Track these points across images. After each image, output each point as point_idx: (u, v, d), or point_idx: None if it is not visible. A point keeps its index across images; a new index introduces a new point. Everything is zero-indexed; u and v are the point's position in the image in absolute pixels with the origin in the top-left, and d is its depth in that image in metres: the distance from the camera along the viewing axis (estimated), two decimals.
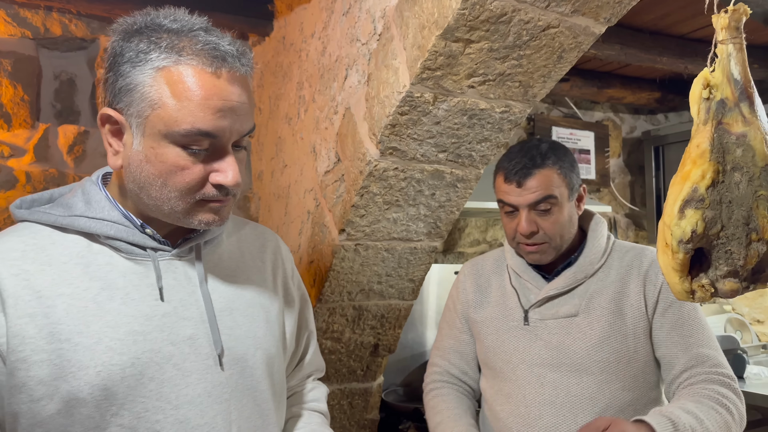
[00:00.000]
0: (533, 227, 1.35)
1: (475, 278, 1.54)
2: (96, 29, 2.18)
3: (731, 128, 0.86)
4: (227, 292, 0.97)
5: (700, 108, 0.89)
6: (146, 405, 0.84)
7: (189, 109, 0.81)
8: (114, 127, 0.86)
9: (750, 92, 0.86)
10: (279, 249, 1.11)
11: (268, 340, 0.99)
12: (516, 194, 1.35)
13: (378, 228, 1.68)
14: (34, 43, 2.10)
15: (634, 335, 1.33)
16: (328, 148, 1.74)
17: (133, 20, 0.87)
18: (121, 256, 0.89)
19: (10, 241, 0.86)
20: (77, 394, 0.81)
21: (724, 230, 0.84)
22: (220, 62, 0.82)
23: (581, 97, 3.06)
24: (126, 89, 0.83)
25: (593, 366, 1.32)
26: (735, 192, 0.85)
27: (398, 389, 2.41)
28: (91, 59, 2.20)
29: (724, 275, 0.85)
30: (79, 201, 0.90)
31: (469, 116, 1.47)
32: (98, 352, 0.82)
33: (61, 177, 2.11)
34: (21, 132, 2.06)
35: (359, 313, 1.87)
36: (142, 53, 0.82)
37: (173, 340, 0.88)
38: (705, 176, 0.84)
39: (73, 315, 0.83)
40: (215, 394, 0.90)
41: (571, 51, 1.36)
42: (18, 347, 0.80)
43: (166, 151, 0.83)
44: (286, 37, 2.13)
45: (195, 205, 0.87)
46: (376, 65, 1.48)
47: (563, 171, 1.36)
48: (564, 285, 1.38)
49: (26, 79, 2.08)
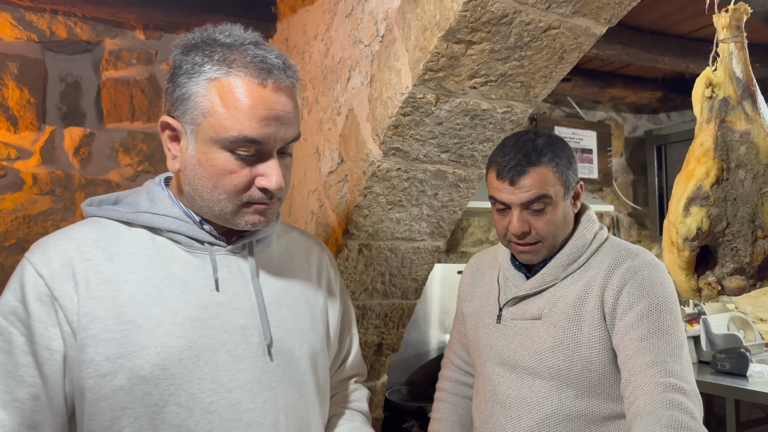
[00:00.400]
0: (525, 227, 1.29)
1: (473, 271, 1.54)
2: (101, 32, 2.19)
3: (734, 126, 0.87)
4: (276, 287, 1.03)
5: (703, 107, 0.90)
6: (201, 386, 0.90)
7: (237, 118, 0.88)
8: (172, 133, 0.94)
9: (752, 90, 0.87)
10: (323, 253, 1.19)
11: (313, 335, 1.05)
12: (508, 192, 1.28)
13: (381, 228, 1.69)
14: (39, 46, 2.12)
15: (588, 343, 1.24)
16: (331, 149, 1.75)
17: (192, 36, 0.94)
18: (182, 249, 0.96)
19: (83, 231, 0.94)
20: (139, 372, 0.87)
21: (729, 227, 0.85)
22: (266, 74, 0.89)
23: (583, 97, 3.07)
24: (182, 98, 0.90)
25: (544, 371, 1.27)
26: (740, 189, 0.85)
27: (402, 388, 2.41)
28: (96, 62, 2.21)
29: (730, 272, 0.86)
30: (144, 199, 0.98)
31: (471, 117, 1.48)
32: (159, 334, 0.89)
33: (67, 179, 2.12)
34: (27, 134, 2.08)
35: (363, 313, 1.88)
36: (197, 65, 0.89)
37: (227, 328, 0.94)
38: (709, 174, 0.85)
39: (137, 299, 0.90)
40: (264, 381, 0.95)
41: (572, 52, 1.37)
42: (88, 325, 0.87)
43: (216, 156, 0.90)
44: (289, 39, 2.14)
45: (242, 207, 0.93)
46: (378, 67, 1.49)
47: (559, 168, 1.29)
48: (534, 286, 1.33)
49: (32, 82, 2.09)
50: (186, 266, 0.95)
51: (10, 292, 0.89)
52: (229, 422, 0.92)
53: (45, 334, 0.87)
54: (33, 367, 0.86)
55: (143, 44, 2.26)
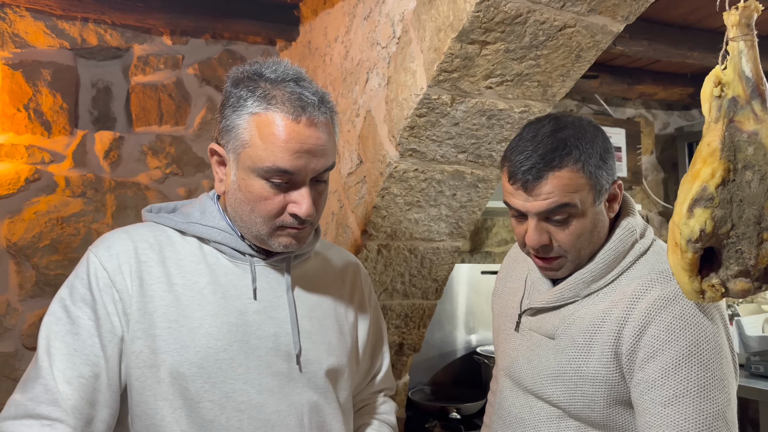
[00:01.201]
0: (545, 239, 1.06)
1: (510, 261, 1.36)
2: (130, 38, 2.26)
3: (743, 126, 0.85)
4: (309, 301, 1.10)
5: (712, 106, 0.89)
6: (234, 386, 0.98)
7: (272, 150, 0.95)
8: (219, 159, 1.02)
9: (762, 90, 0.85)
10: (359, 272, 1.24)
11: (340, 349, 1.11)
12: (522, 199, 1.05)
13: (400, 229, 1.70)
14: (72, 53, 2.19)
15: (593, 381, 1.05)
16: (350, 150, 1.77)
17: (243, 69, 1.01)
18: (226, 258, 1.04)
19: (142, 233, 1.04)
20: (178, 368, 0.95)
21: (734, 229, 0.83)
22: (300, 111, 0.96)
23: (611, 94, 3.02)
24: (227, 129, 0.99)
25: (545, 397, 1.12)
26: (746, 191, 0.84)
27: (425, 388, 2.42)
28: (126, 67, 2.28)
29: (735, 275, 0.84)
30: (197, 211, 1.07)
31: (488, 117, 1.48)
32: (199, 335, 0.97)
33: (98, 181, 2.19)
34: (60, 139, 2.16)
35: (383, 313, 1.89)
36: (242, 99, 0.97)
37: (260, 335, 1.01)
38: (715, 175, 0.84)
39: (183, 301, 0.99)
40: (290, 387, 1.02)
41: (589, 50, 1.35)
42: (140, 319, 0.96)
43: (253, 183, 0.97)
44: (312, 42, 2.17)
45: (276, 230, 1.01)
46: (395, 68, 1.51)
47: (588, 169, 1.03)
48: (550, 300, 1.13)
49: (65, 88, 2.17)
50: (228, 275, 1.03)
51: (78, 280, 0.98)
52: (257, 421, 0.98)
53: (109, 319, 0.96)
54: (98, 348, 0.94)
55: (170, 49, 2.32)
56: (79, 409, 0.90)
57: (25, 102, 2.09)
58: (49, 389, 0.89)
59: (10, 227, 2.07)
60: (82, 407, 0.90)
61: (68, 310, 0.95)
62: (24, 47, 2.10)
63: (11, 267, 2.07)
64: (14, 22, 2.08)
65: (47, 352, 0.92)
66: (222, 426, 0.96)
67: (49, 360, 0.91)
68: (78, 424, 0.89)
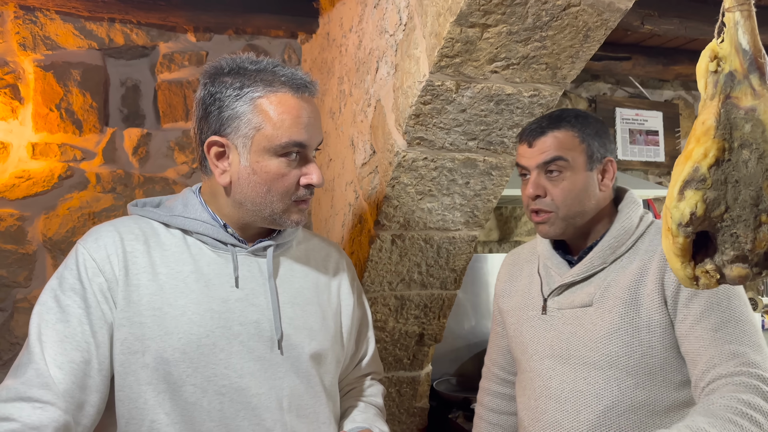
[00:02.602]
0: (539, 190, 1.25)
1: (510, 267, 1.49)
2: (155, 36, 2.31)
3: (740, 102, 0.80)
4: (291, 288, 1.13)
5: (707, 82, 0.84)
6: (215, 371, 1.01)
7: (286, 126, 1.02)
8: (219, 150, 1.05)
9: (760, 63, 0.80)
10: (342, 260, 1.27)
11: (322, 333, 1.14)
12: (528, 155, 1.27)
13: (413, 218, 1.69)
14: (100, 53, 2.26)
15: (648, 327, 1.17)
16: (364, 140, 1.76)
17: (218, 65, 1.06)
18: (208, 249, 1.08)
19: (129, 225, 1.08)
20: (162, 353, 0.99)
21: (728, 212, 0.79)
22: (303, 89, 1.05)
23: (647, 76, 2.90)
24: (232, 118, 1.02)
25: (601, 360, 1.19)
26: (743, 171, 0.79)
27: (451, 379, 2.40)
28: (153, 65, 2.34)
29: (731, 260, 0.79)
30: (179, 204, 1.11)
31: (496, 102, 1.45)
32: (182, 322, 1.01)
33: (127, 177, 2.26)
34: (91, 137, 2.23)
35: (401, 303, 1.89)
36: (239, 89, 1.02)
37: (242, 321, 1.05)
38: (708, 155, 0.79)
39: (167, 290, 1.02)
40: (271, 371, 1.05)
41: (597, 29, 1.30)
42: (126, 308, 1.00)
43: (270, 163, 1.03)
44: (330, 34, 2.17)
45: (291, 206, 1.07)
46: (401, 56, 1.49)
47: (582, 135, 1.25)
48: (581, 272, 1.27)
49: (94, 87, 2.24)
50: (211, 264, 1.07)
51: (67, 271, 1.02)
52: (238, 404, 1.02)
53: (99, 307, 0.99)
54: (89, 334, 0.98)
55: (194, 46, 2.37)
56: (71, 393, 0.94)
57: (57, 102, 2.18)
58: (41, 374, 0.93)
59: (45, 223, 2.16)
60: (73, 391, 0.94)
61: (58, 300, 0.99)
62: (55, 49, 2.18)
63: (48, 261, 2.17)
64: (45, 25, 2.16)
65: (38, 339, 0.95)
66: (204, 408, 1.00)
67: (40, 346, 0.95)
68: (69, 407, 0.93)
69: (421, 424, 2.14)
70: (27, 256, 2.13)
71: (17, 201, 2.13)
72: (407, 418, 2.10)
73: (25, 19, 2.13)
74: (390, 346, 1.96)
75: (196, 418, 0.99)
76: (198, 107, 1.07)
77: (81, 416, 0.95)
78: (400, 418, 2.10)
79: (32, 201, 2.15)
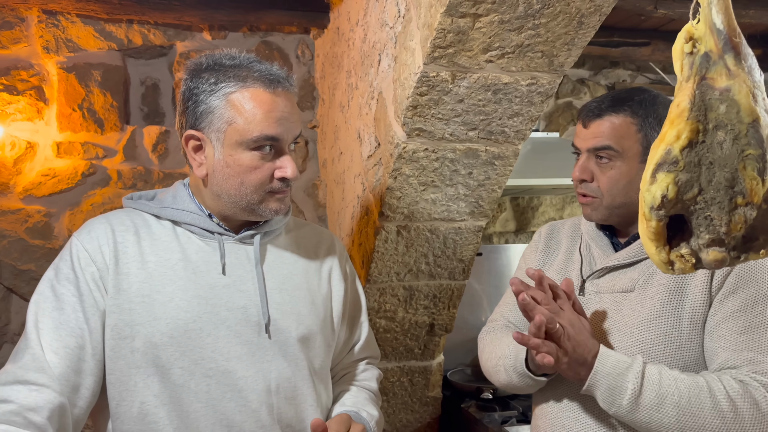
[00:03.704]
0: (585, 175, 1.21)
1: (548, 239, 1.42)
2: (172, 36, 2.37)
3: (715, 83, 0.79)
4: (279, 274, 1.16)
5: (683, 64, 0.83)
6: (203, 354, 1.05)
7: (257, 121, 1.05)
8: (196, 144, 1.09)
9: (735, 42, 0.79)
10: (333, 246, 1.29)
11: (310, 318, 1.16)
12: (581, 136, 1.23)
13: (417, 209, 1.70)
14: (120, 54, 2.34)
15: (690, 319, 1.13)
16: (369, 133, 1.78)
17: (199, 61, 1.11)
18: (197, 238, 1.12)
19: (121, 218, 1.13)
20: (150, 338, 1.03)
21: (702, 194, 0.78)
22: (276, 84, 1.07)
23: (667, 62, 2.84)
24: (206, 113, 1.06)
25: (633, 346, 1.15)
26: (717, 152, 0.78)
27: (466, 369, 2.41)
28: (171, 64, 2.40)
29: (707, 244, 0.79)
30: (169, 197, 1.16)
31: (494, 91, 1.45)
32: (170, 308, 1.05)
33: (147, 173, 2.33)
34: (112, 135, 2.31)
35: (410, 293, 1.90)
36: (213, 84, 1.06)
37: (229, 307, 1.08)
38: (680, 137, 0.78)
39: (156, 277, 1.07)
40: (259, 354, 1.08)
41: (591, 15, 1.29)
42: (116, 295, 1.05)
43: (242, 156, 1.06)
44: (339, 28, 2.19)
45: (266, 196, 1.09)
46: (400, 48, 1.50)
47: (642, 124, 1.17)
48: (628, 256, 1.22)
49: (114, 87, 2.32)
50: (199, 252, 1.11)
51: (62, 262, 1.07)
52: (225, 386, 1.06)
53: (91, 295, 1.04)
54: (82, 321, 1.02)
55: (210, 44, 2.42)
56: (66, 377, 0.99)
57: (79, 102, 2.26)
58: (37, 358, 0.98)
59: (70, 219, 2.25)
60: (68, 375, 0.99)
61: (54, 289, 1.04)
62: (76, 51, 2.26)
63: None
64: (66, 29, 2.24)
65: (35, 326, 1.01)
66: (191, 390, 1.04)
67: (37, 333, 1.00)
68: (64, 390, 0.98)
69: (434, 413, 2.16)
70: (54, 251, 2.22)
71: (44, 198, 2.22)
72: (420, 407, 2.12)
73: (47, 23, 2.22)
74: (401, 336, 1.98)
75: (183, 400, 1.03)
76: (180, 102, 1.11)
77: (76, 398, 1.00)
78: (413, 407, 2.11)
79: (58, 198, 2.24)
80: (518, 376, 1.22)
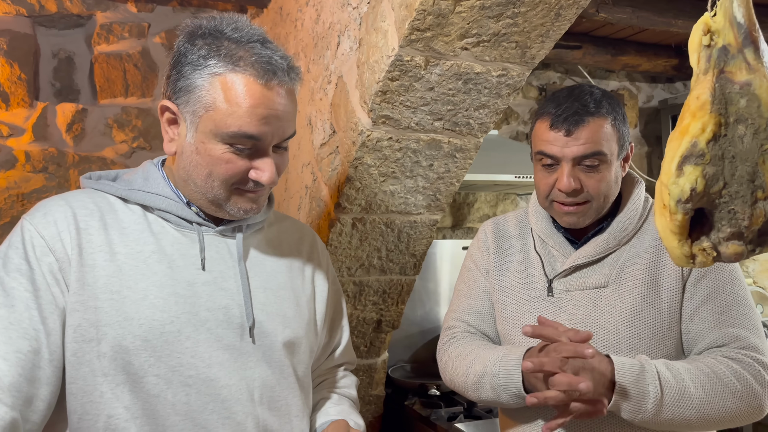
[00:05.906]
0: (577, 184, 1.16)
1: (497, 239, 1.36)
2: (92, 5, 2.14)
3: (734, 77, 0.79)
4: (263, 272, 1.04)
5: (700, 56, 0.82)
6: (181, 360, 0.92)
7: (238, 115, 0.90)
8: (171, 117, 0.95)
9: (755, 36, 0.79)
10: (315, 244, 1.19)
11: (296, 321, 1.05)
12: (561, 144, 1.16)
13: (375, 201, 1.63)
14: (30, 20, 2.07)
15: (669, 310, 1.16)
16: (323, 119, 1.69)
17: (199, 23, 0.94)
18: (172, 227, 0.98)
19: (82, 199, 0.96)
20: (121, 341, 0.89)
21: (726, 188, 0.77)
22: (270, 75, 0.91)
23: (595, 66, 2.95)
24: (185, 89, 0.92)
25: (622, 343, 1.15)
26: (739, 146, 0.77)
27: (406, 365, 2.37)
28: (89, 36, 2.17)
29: (727, 237, 0.78)
30: (139, 178, 1.00)
31: (464, 81, 1.40)
32: (143, 306, 0.91)
33: (61, 156, 2.09)
34: (19, 111, 2.05)
35: (360, 289, 1.83)
36: (203, 58, 0.91)
37: (210, 307, 0.95)
38: (705, 129, 0.77)
39: (126, 272, 0.92)
40: (242, 360, 0.96)
41: (569, 8, 1.28)
42: (79, 291, 0.89)
43: (214, 147, 0.92)
44: (283, 8, 2.07)
45: (234, 193, 0.96)
46: (366, 29, 1.42)
47: (616, 123, 1.18)
48: (594, 253, 1.21)
49: (23, 58, 2.05)
50: (175, 244, 0.97)
51: (12, 250, 0.90)
52: (206, 396, 0.93)
53: (49, 290, 0.88)
54: (37, 321, 0.87)
55: (135, 17, 2.21)
56: (17, 387, 0.82)
57: None
58: None
59: None
60: (20, 384, 0.83)
61: (2, 282, 0.87)
62: None
63: None
64: None
65: None
66: (168, 401, 0.90)
67: None
68: (16, 403, 0.82)
69: (376, 411, 2.10)
70: None
71: None
72: (363, 407, 2.05)
73: None
74: None
75: (159, 412, 0.90)
76: (169, 64, 0.96)
77: (29, 412, 0.84)
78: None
79: None
80: (510, 395, 1.15)
